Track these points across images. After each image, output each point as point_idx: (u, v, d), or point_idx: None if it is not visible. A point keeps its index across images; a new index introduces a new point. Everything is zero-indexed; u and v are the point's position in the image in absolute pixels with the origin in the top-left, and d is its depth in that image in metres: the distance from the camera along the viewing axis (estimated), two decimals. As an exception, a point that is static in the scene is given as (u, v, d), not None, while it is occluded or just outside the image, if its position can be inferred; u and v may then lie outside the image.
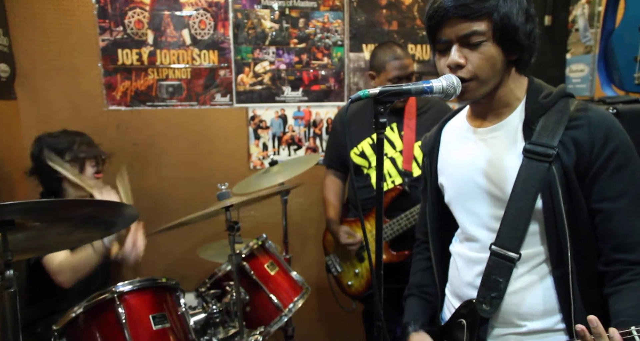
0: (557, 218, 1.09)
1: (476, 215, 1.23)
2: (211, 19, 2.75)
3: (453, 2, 1.07)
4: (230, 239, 1.80)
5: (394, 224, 2.23)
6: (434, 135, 1.39)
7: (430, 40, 1.18)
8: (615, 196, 1.08)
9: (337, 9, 2.89)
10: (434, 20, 1.11)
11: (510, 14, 1.08)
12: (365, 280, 2.34)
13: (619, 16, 2.04)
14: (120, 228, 1.67)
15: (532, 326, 1.15)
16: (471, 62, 1.10)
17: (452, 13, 1.08)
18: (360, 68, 2.96)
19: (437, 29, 1.12)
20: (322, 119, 2.97)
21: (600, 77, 2.09)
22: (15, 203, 1.17)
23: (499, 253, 1.15)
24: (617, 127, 1.10)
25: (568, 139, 1.10)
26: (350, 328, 3.01)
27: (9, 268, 1.25)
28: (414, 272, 1.50)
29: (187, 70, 2.76)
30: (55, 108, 2.61)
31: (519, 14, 1.09)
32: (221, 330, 1.91)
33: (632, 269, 1.07)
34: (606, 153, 1.07)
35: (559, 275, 1.12)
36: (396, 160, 2.28)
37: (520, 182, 1.12)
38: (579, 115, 1.11)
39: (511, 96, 1.18)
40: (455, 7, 1.07)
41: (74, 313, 1.62)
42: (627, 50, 1.95)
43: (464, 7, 1.07)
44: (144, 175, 2.76)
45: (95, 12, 2.60)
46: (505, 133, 1.19)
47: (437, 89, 1.07)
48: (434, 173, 1.36)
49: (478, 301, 1.18)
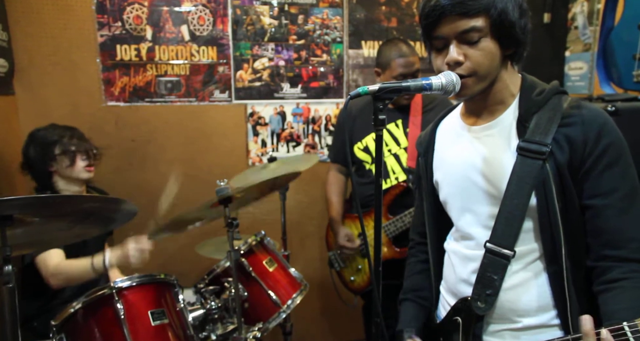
0: (551, 215, 1.10)
1: (471, 213, 1.23)
2: (210, 15, 2.74)
3: (449, 0, 1.07)
4: (229, 235, 1.80)
5: (398, 221, 2.23)
6: (429, 134, 1.39)
7: (426, 38, 1.17)
8: (606, 193, 1.09)
9: (337, 5, 2.88)
10: (430, 19, 1.10)
11: (507, 9, 1.08)
12: (367, 276, 2.35)
13: (618, 14, 2.04)
14: (118, 225, 1.66)
15: (527, 322, 1.16)
16: (470, 58, 1.10)
17: (449, 11, 1.07)
18: (359, 65, 2.96)
19: (434, 27, 1.11)
20: (321, 115, 2.97)
21: (599, 75, 2.09)
22: (13, 198, 1.17)
23: (493, 251, 1.16)
24: (609, 124, 1.10)
25: (561, 137, 1.10)
26: (349, 324, 3.02)
27: (8, 263, 1.25)
28: (409, 275, 1.49)
29: (185, 66, 2.76)
30: (53, 104, 2.60)
31: (514, 9, 1.09)
32: (219, 326, 1.91)
33: (621, 266, 1.08)
34: (598, 150, 1.08)
35: (553, 271, 1.13)
36: (400, 157, 2.28)
37: (514, 179, 1.12)
38: (572, 112, 1.12)
39: (506, 92, 1.19)
40: (452, 4, 1.06)
41: (72, 308, 1.62)
42: (626, 48, 1.95)
43: (461, 5, 1.06)
44: (142, 171, 2.76)
45: (93, 7, 2.60)
46: (499, 131, 1.19)
47: (437, 86, 1.07)
48: (429, 171, 1.37)
49: (473, 298, 1.19)
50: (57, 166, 2.10)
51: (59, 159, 2.09)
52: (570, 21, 2.62)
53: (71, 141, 2.11)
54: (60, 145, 2.09)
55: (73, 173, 2.11)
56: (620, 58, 1.99)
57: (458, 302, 1.26)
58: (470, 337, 1.21)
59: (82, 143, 2.15)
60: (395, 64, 2.19)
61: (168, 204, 2.24)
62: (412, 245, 1.53)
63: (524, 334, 1.17)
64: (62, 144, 2.09)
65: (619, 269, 1.08)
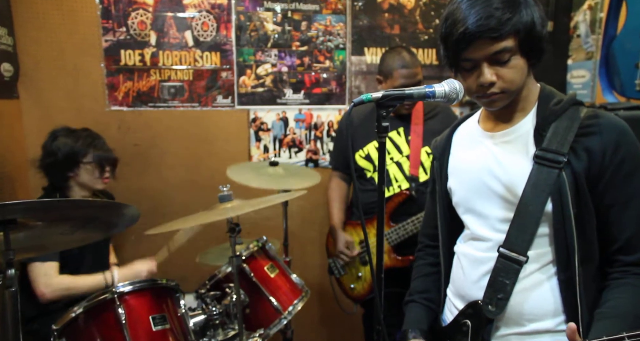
0: (566, 222, 1.12)
1: (485, 217, 1.25)
2: (214, 20, 2.75)
3: (477, 27, 1.07)
4: (231, 241, 1.80)
5: (400, 229, 2.23)
6: (445, 139, 1.41)
7: (453, 60, 1.17)
8: (624, 201, 1.12)
9: (340, 12, 2.90)
10: (461, 44, 1.11)
11: (534, 25, 1.10)
12: (368, 283, 2.33)
13: (621, 22, 2.05)
14: (120, 229, 1.67)
15: (535, 327, 1.17)
16: (503, 78, 1.12)
17: (480, 36, 1.08)
18: (361, 71, 2.97)
19: (463, 51, 1.12)
20: (323, 122, 2.97)
21: (602, 84, 2.10)
22: (17, 202, 1.18)
23: (507, 256, 1.17)
24: (627, 133, 1.13)
25: (579, 146, 1.12)
26: (350, 331, 3.01)
27: (11, 267, 1.25)
28: (416, 277, 1.51)
29: (189, 71, 2.77)
30: (57, 108, 2.61)
31: (538, 21, 1.11)
32: (220, 331, 1.91)
33: (627, 269, 1.12)
34: (617, 160, 1.10)
35: (565, 277, 1.14)
36: (402, 165, 2.27)
37: (530, 186, 1.14)
38: (590, 122, 1.14)
39: (526, 100, 1.22)
40: (483, 31, 1.07)
41: (73, 313, 1.62)
42: (628, 57, 1.95)
43: (492, 30, 1.07)
44: (144, 176, 2.77)
45: (98, 12, 2.61)
46: (516, 138, 1.21)
47: (440, 94, 1.08)
48: (444, 175, 1.38)
49: (484, 302, 1.20)
50: (78, 172, 2.10)
51: (86, 168, 2.09)
52: (572, 30, 2.63)
53: (101, 152, 2.12)
54: (91, 155, 2.09)
55: (92, 182, 2.12)
56: (623, 66, 1.99)
57: (468, 305, 1.26)
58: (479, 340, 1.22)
59: (110, 155, 2.17)
60: (398, 74, 2.19)
61: (180, 243, 2.26)
62: (420, 248, 1.54)
63: (531, 338, 1.18)
64: (93, 154, 2.10)
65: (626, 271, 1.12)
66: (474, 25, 1.07)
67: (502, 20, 1.06)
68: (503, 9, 1.07)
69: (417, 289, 1.47)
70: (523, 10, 1.09)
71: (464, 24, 1.08)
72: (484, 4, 1.08)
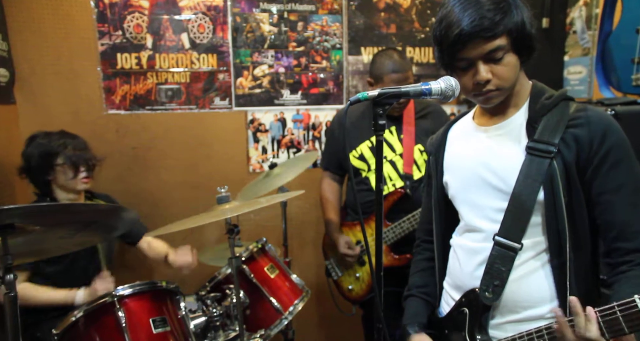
0: (558, 210, 1.16)
1: (479, 207, 1.28)
2: (210, 22, 2.75)
3: (472, 27, 1.11)
4: (230, 242, 1.80)
5: (396, 227, 2.23)
6: (441, 135, 1.46)
7: (448, 61, 1.20)
8: (614, 189, 1.15)
9: (336, 12, 2.90)
10: (457, 45, 1.15)
11: (524, 24, 1.15)
12: (366, 284, 2.33)
13: (616, 18, 2.05)
14: (120, 232, 1.66)
15: (529, 314, 1.21)
16: (497, 75, 1.17)
17: (475, 36, 1.12)
18: (358, 71, 2.97)
19: (459, 51, 1.16)
20: (321, 122, 2.97)
21: (598, 79, 2.10)
22: (15, 207, 1.18)
23: (502, 243, 1.21)
24: (614, 125, 1.17)
25: (569, 136, 1.17)
26: (350, 331, 3.01)
27: (9, 273, 1.25)
28: (414, 272, 1.54)
29: (186, 74, 2.77)
30: (54, 112, 2.61)
31: (528, 21, 1.16)
32: (221, 333, 1.91)
33: (630, 258, 1.14)
34: (604, 149, 1.14)
35: (557, 264, 1.18)
36: (396, 163, 2.27)
37: (523, 176, 1.19)
38: (578, 115, 1.19)
39: (519, 96, 1.26)
40: (477, 31, 1.12)
41: (74, 317, 1.62)
42: (624, 52, 1.96)
43: (486, 30, 1.12)
44: (143, 179, 2.76)
45: (94, 16, 2.61)
46: (509, 131, 1.26)
47: (436, 91, 1.09)
48: (439, 171, 1.42)
49: (481, 289, 1.24)
50: (55, 176, 2.08)
51: (59, 170, 2.06)
52: (568, 26, 2.63)
53: (74, 152, 2.08)
54: (63, 156, 2.06)
55: (70, 184, 2.09)
56: (619, 62, 2.00)
57: (466, 293, 1.30)
58: (476, 328, 1.26)
59: (84, 155, 2.12)
60: (388, 79, 2.16)
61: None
62: (418, 243, 1.57)
63: (525, 325, 1.20)
64: (65, 155, 2.06)
65: (628, 263, 1.14)
66: (468, 26, 1.11)
67: (495, 21, 1.11)
68: (494, 11, 1.12)
69: (415, 283, 1.51)
70: (513, 10, 1.14)
71: (459, 26, 1.12)
72: (476, 7, 1.12)
